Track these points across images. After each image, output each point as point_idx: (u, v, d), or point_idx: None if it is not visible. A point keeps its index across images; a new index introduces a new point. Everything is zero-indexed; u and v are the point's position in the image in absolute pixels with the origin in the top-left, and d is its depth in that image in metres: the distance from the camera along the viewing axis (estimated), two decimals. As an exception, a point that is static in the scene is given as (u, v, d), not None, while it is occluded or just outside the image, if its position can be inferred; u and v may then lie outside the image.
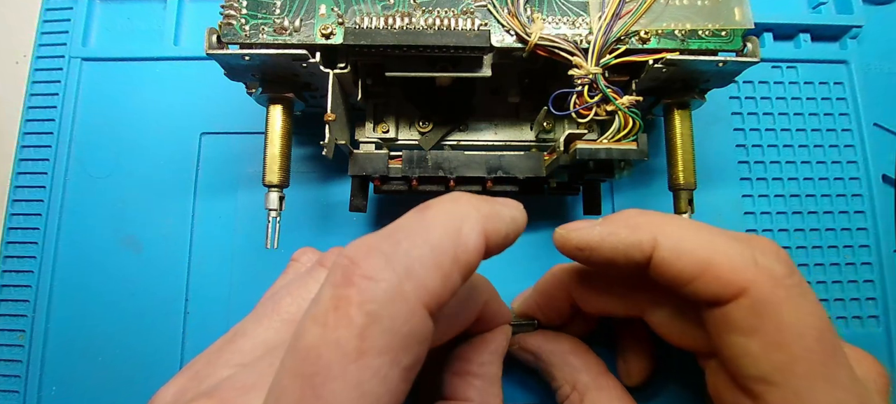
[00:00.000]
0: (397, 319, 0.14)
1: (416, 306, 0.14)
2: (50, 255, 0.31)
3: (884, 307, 0.31)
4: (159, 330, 0.30)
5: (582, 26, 0.24)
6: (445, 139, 0.29)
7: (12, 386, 0.30)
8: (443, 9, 0.24)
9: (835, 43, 0.35)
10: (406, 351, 0.14)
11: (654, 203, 0.32)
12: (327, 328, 0.14)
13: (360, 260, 0.14)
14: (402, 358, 0.14)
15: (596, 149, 0.23)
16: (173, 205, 0.32)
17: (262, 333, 0.18)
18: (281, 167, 0.26)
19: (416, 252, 0.15)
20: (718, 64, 0.24)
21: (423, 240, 0.15)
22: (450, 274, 0.15)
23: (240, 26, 0.24)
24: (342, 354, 0.13)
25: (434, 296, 0.15)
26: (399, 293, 0.14)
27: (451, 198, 0.17)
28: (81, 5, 0.34)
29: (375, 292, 0.14)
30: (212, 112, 0.33)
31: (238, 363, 0.17)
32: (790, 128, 0.33)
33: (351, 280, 0.14)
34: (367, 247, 0.15)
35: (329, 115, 0.23)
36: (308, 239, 0.31)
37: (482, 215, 0.17)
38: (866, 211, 0.32)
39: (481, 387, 0.21)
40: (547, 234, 0.32)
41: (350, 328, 0.13)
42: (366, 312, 0.14)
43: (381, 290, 0.14)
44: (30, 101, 0.33)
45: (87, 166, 0.32)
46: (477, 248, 0.16)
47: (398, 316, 0.14)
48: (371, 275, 0.14)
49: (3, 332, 0.30)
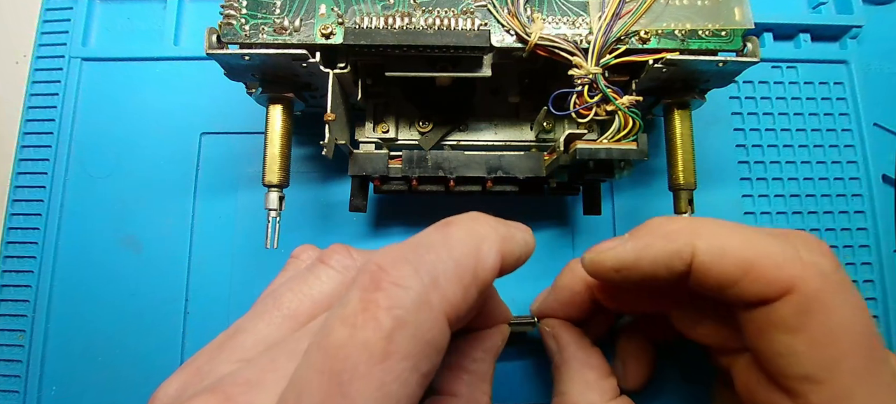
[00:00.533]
0: (422, 326, 0.15)
1: (439, 315, 0.15)
2: (50, 255, 0.31)
3: (884, 307, 0.31)
4: (159, 330, 0.30)
5: (582, 26, 0.24)
6: (445, 139, 0.29)
7: (12, 386, 0.30)
8: (443, 9, 0.24)
9: (835, 43, 0.35)
10: (426, 358, 0.15)
11: (654, 203, 0.32)
12: (356, 328, 0.14)
13: (388, 267, 0.15)
14: (421, 364, 0.15)
15: (596, 149, 0.23)
16: (173, 205, 0.32)
17: (262, 329, 0.18)
18: (281, 167, 0.26)
19: (441, 265, 0.16)
20: (718, 64, 0.24)
21: (448, 254, 0.16)
22: (469, 288, 0.16)
23: (240, 26, 0.24)
24: (369, 355, 0.14)
25: (454, 308, 0.16)
26: (425, 301, 0.15)
27: (471, 218, 0.18)
28: (81, 5, 0.34)
29: (404, 298, 0.14)
30: (212, 112, 0.33)
31: (239, 358, 0.17)
32: (790, 128, 0.33)
33: (380, 285, 0.15)
34: (395, 256, 0.15)
35: (329, 115, 0.23)
36: (308, 239, 0.31)
37: (499, 236, 0.18)
38: (866, 211, 0.32)
39: (471, 383, 0.21)
40: (547, 235, 0.32)
41: (378, 330, 0.14)
42: (394, 317, 0.14)
43: (409, 297, 0.15)
44: (30, 101, 0.33)
45: (87, 166, 0.32)
46: (494, 267, 0.17)
47: (423, 323, 0.15)
48: (400, 282, 0.15)
49: (3, 332, 0.30)
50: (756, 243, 0.19)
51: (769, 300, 0.19)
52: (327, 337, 0.14)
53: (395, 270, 0.15)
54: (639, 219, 0.32)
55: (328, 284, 0.19)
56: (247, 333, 0.18)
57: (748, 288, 0.19)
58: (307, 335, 0.17)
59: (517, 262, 0.18)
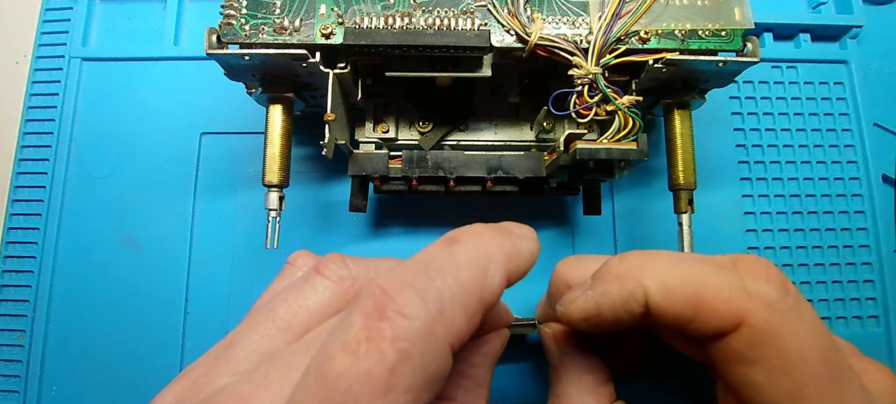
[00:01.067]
0: (426, 358, 0.14)
1: (443, 347, 0.15)
2: (50, 255, 0.31)
3: (884, 307, 0.31)
4: (159, 330, 0.30)
5: (582, 26, 0.24)
6: (445, 139, 0.29)
7: (12, 386, 0.30)
8: (443, 9, 0.24)
9: (835, 43, 0.35)
10: (428, 389, 0.15)
11: (654, 203, 0.32)
12: (358, 358, 0.14)
13: (394, 293, 0.15)
14: (423, 396, 0.14)
15: (596, 149, 0.23)
16: (173, 205, 0.32)
17: (257, 341, 0.18)
18: (281, 167, 0.26)
19: (448, 292, 0.15)
20: (718, 64, 0.24)
21: (455, 279, 0.16)
22: (475, 314, 0.16)
23: (240, 26, 0.24)
24: (371, 388, 0.14)
25: (459, 337, 0.15)
26: (431, 333, 0.15)
27: (476, 235, 0.17)
28: (81, 5, 0.34)
29: (409, 331, 0.14)
30: (212, 112, 0.33)
31: (235, 371, 0.17)
32: (790, 128, 0.33)
33: (385, 314, 0.14)
34: (400, 282, 0.15)
35: (329, 115, 0.23)
36: (308, 239, 0.31)
37: (505, 254, 0.17)
38: (866, 211, 0.32)
39: (467, 388, 0.21)
40: (547, 235, 0.32)
41: (382, 363, 0.14)
42: (398, 349, 0.14)
43: (415, 330, 0.14)
44: (30, 101, 0.33)
45: (87, 166, 0.32)
46: (500, 289, 0.17)
47: (427, 355, 0.14)
48: (405, 312, 0.14)
49: (3, 332, 0.30)
50: (701, 278, 0.18)
51: (724, 333, 0.18)
52: (328, 364, 0.14)
53: (400, 297, 0.15)
54: (639, 219, 0.32)
55: (323, 295, 0.19)
56: (242, 345, 0.18)
57: (703, 325, 0.18)
58: (302, 347, 0.17)
59: (522, 276, 0.18)
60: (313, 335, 0.18)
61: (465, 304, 0.16)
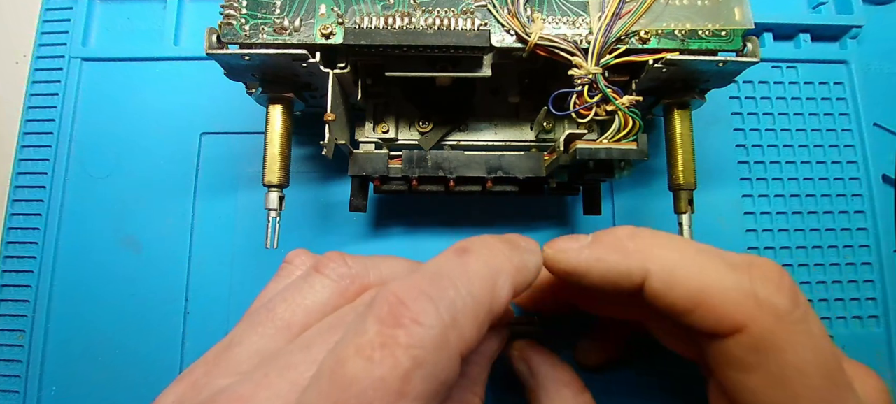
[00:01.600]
0: (438, 366, 0.15)
1: (454, 354, 0.15)
2: (50, 255, 0.31)
3: (884, 307, 0.31)
4: (159, 330, 0.30)
5: (582, 26, 0.24)
6: (445, 139, 0.29)
7: (12, 386, 0.30)
8: (443, 9, 0.24)
9: (835, 43, 0.35)
10: (437, 396, 0.15)
11: (654, 203, 0.32)
12: (372, 363, 0.14)
13: (409, 301, 0.15)
14: (433, 402, 0.15)
15: (596, 149, 0.23)
16: (173, 205, 0.32)
17: (256, 341, 0.18)
18: (281, 167, 0.26)
19: (461, 302, 0.16)
20: (718, 64, 0.24)
21: (467, 289, 0.16)
22: (483, 324, 0.16)
23: (240, 26, 0.24)
24: (384, 393, 0.14)
25: (468, 345, 0.16)
26: (444, 342, 0.15)
27: (487, 246, 0.18)
28: (81, 5, 0.34)
29: (424, 338, 0.15)
30: (212, 112, 0.33)
31: (234, 372, 0.17)
32: (790, 128, 0.33)
33: (400, 321, 0.15)
34: (415, 290, 0.15)
35: (329, 115, 0.23)
36: (308, 239, 0.31)
37: (514, 268, 0.18)
38: (866, 211, 0.32)
39: (463, 386, 0.21)
40: (547, 235, 0.32)
41: (396, 369, 0.14)
42: (412, 356, 0.14)
43: (429, 338, 0.15)
44: (30, 101, 0.33)
45: (87, 166, 0.32)
46: (507, 300, 0.17)
47: (440, 363, 0.15)
48: (420, 320, 0.15)
49: (3, 332, 0.30)
50: (710, 274, 0.18)
51: (721, 335, 0.18)
52: (341, 367, 0.14)
53: (415, 305, 0.15)
54: (639, 219, 0.32)
55: (322, 293, 0.19)
56: (241, 345, 0.18)
57: (700, 321, 0.18)
58: (300, 346, 0.17)
59: (527, 289, 0.19)
60: (312, 333, 0.18)
61: (476, 315, 0.16)
